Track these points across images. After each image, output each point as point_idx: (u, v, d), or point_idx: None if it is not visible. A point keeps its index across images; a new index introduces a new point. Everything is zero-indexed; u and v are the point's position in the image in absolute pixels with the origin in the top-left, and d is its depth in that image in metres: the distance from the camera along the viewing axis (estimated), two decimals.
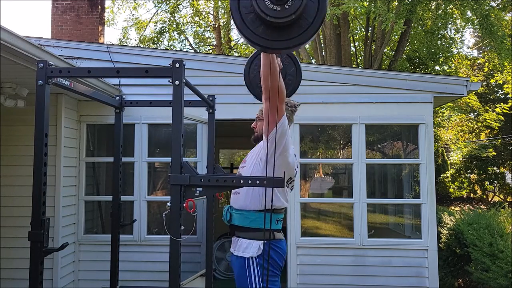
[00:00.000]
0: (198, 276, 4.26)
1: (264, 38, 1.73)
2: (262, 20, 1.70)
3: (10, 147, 4.32)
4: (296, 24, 1.72)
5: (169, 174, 2.10)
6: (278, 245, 2.33)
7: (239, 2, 1.74)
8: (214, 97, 3.57)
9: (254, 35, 1.74)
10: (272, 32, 1.73)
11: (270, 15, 1.67)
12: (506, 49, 9.00)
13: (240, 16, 1.74)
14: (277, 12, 1.67)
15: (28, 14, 57.86)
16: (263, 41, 1.74)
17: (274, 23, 1.69)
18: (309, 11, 1.73)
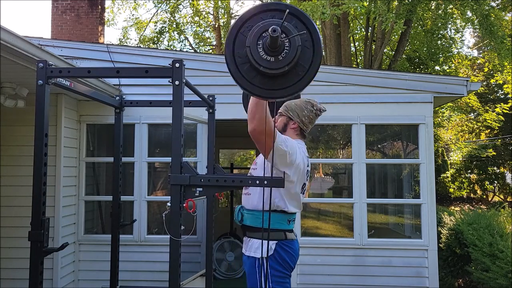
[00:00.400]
0: (198, 276, 4.26)
1: (259, 87, 1.74)
2: (257, 70, 1.70)
3: (10, 147, 4.32)
4: (292, 72, 1.72)
5: (169, 174, 2.10)
6: (289, 245, 2.29)
7: (234, 51, 1.74)
8: (214, 97, 3.57)
9: (250, 84, 1.75)
10: (267, 81, 1.73)
11: (263, 65, 1.67)
12: (506, 49, 9.01)
13: (236, 65, 1.75)
14: (270, 63, 1.67)
15: (28, 14, 57.88)
16: (258, 90, 1.74)
17: (268, 73, 1.69)
18: (304, 59, 1.72)
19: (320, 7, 8.38)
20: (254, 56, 1.67)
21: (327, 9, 8.30)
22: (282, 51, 1.66)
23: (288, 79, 1.73)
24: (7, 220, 4.23)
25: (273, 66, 1.67)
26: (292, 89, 1.73)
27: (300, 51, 1.68)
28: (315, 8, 8.44)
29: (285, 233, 2.29)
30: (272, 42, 1.62)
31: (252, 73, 1.73)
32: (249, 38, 1.69)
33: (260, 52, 1.67)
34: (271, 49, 1.65)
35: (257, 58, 1.67)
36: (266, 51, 1.67)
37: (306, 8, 8.69)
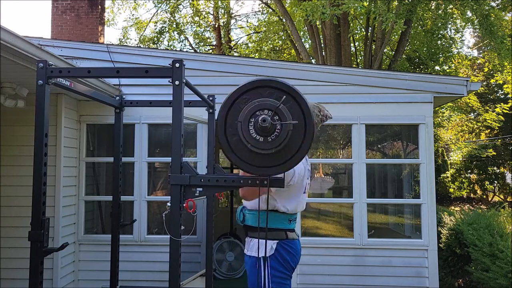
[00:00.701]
0: (198, 276, 4.26)
1: (247, 163, 1.77)
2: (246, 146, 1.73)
3: (10, 147, 4.32)
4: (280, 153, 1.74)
5: (169, 174, 2.10)
6: (291, 244, 2.31)
7: (226, 122, 1.77)
8: (214, 97, 3.57)
9: (239, 159, 1.78)
10: (254, 157, 1.76)
11: (252, 144, 1.70)
12: (506, 49, 9.00)
13: (225, 136, 1.77)
14: (259, 143, 1.70)
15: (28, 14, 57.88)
16: (245, 165, 1.78)
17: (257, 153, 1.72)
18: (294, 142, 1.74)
19: (320, 7, 8.37)
20: (244, 133, 1.70)
21: (327, 9, 8.29)
22: (273, 133, 1.69)
23: (278, 158, 1.75)
24: (7, 220, 4.23)
25: (261, 146, 1.70)
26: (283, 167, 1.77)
27: (290, 135, 1.70)
28: (315, 8, 8.43)
29: (286, 233, 2.30)
30: (262, 129, 1.66)
31: (240, 145, 1.76)
32: (242, 113, 1.71)
33: (250, 129, 1.70)
34: (262, 131, 1.68)
35: (246, 135, 1.70)
36: (256, 130, 1.69)
37: (306, 8, 8.69)
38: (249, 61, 4.92)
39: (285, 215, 2.30)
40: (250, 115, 1.70)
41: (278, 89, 1.75)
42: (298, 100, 1.75)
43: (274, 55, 15.97)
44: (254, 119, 1.69)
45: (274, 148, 1.70)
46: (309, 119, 1.74)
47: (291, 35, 12.23)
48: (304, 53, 11.40)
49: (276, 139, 1.69)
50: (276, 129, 1.69)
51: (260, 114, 1.68)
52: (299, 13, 9.65)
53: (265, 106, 1.68)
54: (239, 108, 1.75)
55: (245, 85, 1.77)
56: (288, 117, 1.70)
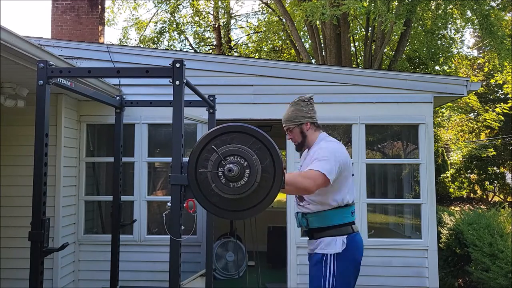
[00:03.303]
0: (198, 276, 4.26)
1: (215, 205, 1.85)
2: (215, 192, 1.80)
3: (10, 147, 4.32)
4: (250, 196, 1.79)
5: (169, 174, 2.10)
6: (357, 238, 2.35)
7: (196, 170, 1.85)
8: (214, 97, 3.57)
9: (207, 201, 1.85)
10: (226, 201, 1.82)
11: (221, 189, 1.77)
12: (506, 49, 9.00)
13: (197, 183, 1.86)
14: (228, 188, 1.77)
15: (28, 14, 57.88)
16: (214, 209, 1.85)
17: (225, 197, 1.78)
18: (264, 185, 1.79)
19: (320, 8, 8.37)
20: (214, 181, 1.77)
21: (327, 10, 8.29)
22: (242, 178, 1.74)
23: (250, 201, 1.81)
24: (7, 220, 4.23)
25: (233, 192, 1.76)
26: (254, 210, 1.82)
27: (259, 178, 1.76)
28: (315, 9, 8.43)
29: (352, 227, 2.35)
30: (229, 178, 1.73)
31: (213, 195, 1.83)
32: (210, 163, 1.78)
33: (220, 177, 1.77)
34: (230, 178, 1.74)
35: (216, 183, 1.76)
36: (226, 177, 1.75)
37: (306, 9, 8.68)
38: (249, 61, 4.91)
39: (347, 209, 2.34)
40: (218, 162, 1.78)
41: (248, 134, 1.82)
42: (266, 144, 1.82)
43: (274, 55, 15.97)
44: (222, 167, 1.77)
45: (243, 193, 1.76)
46: (278, 164, 1.79)
47: (291, 35, 12.23)
48: (304, 53, 11.40)
49: (245, 184, 1.75)
50: (245, 176, 1.75)
51: (228, 161, 1.76)
52: (299, 14, 9.65)
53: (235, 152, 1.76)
54: (208, 155, 1.82)
55: (214, 131, 1.85)
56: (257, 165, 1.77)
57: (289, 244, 4.50)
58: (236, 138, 1.80)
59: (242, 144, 1.78)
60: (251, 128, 1.83)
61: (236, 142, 1.79)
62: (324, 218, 2.33)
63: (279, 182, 1.78)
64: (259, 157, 1.77)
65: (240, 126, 1.82)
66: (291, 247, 4.51)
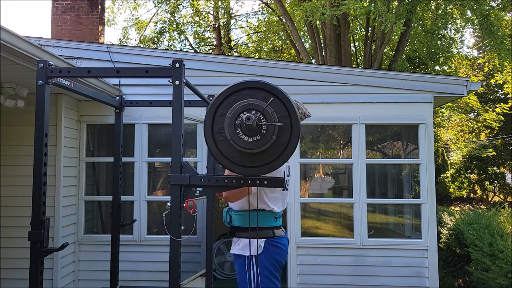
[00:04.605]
0: (198, 276, 4.26)
1: (233, 162, 1.81)
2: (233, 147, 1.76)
3: (10, 147, 4.32)
4: (266, 152, 1.76)
5: (169, 174, 2.10)
6: (279, 241, 2.36)
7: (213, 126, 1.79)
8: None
9: (225, 159, 1.81)
10: (242, 157, 1.79)
11: (238, 143, 1.73)
12: (506, 49, 9.00)
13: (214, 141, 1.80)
14: (245, 142, 1.73)
15: (28, 14, 57.86)
16: (232, 165, 1.82)
17: (243, 152, 1.74)
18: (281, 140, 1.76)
19: (320, 8, 8.37)
20: (231, 135, 1.72)
21: (327, 10, 8.29)
22: (259, 132, 1.71)
23: (265, 157, 1.77)
24: (7, 220, 4.23)
25: (250, 146, 1.72)
26: (269, 167, 1.79)
27: (277, 132, 1.72)
28: (315, 9, 8.43)
29: (273, 231, 2.35)
30: (248, 128, 1.68)
31: (226, 145, 1.78)
32: (227, 117, 1.74)
33: (237, 131, 1.72)
34: (247, 131, 1.70)
35: (233, 136, 1.73)
36: (243, 131, 1.71)
37: (306, 9, 8.68)
38: (249, 61, 4.91)
39: (271, 213, 2.34)
40: (236, 115, 1.72)
41: (264, 90, 1.77)
42: (283, 101, 1.78)
43: (274, 55, 15.96)
44: (240, 119, 1.71)
45: (260, 147, 1.71)
46: (295, 118, 1.75)
47: (291, 35, 12.23)
48: (304, 53, 11.40)
49: (262, 139, 1.70)
50: (262, 129, 1.69)
51: (246, 115, 1.70)
52: (299, 14, 9.65)
53: (251, 106, 1.71)
54: (226, 109, 1.76)
55: (231, 87, 1.80)
56: (274, 118, 1.72)
57: (289, 244, 4.49)
58: (251, 94, 1.76)
59: (258, 99, 1.75)
60: (266, 83, 1.79)
61: (251, 97, 1.76)
62: (246, 219, 2.32)
63: (296, 137, 1.75)
64: (275, 111, 1.73)
65: (254, 82, 1.78)
66: (291, 247, 4.51)
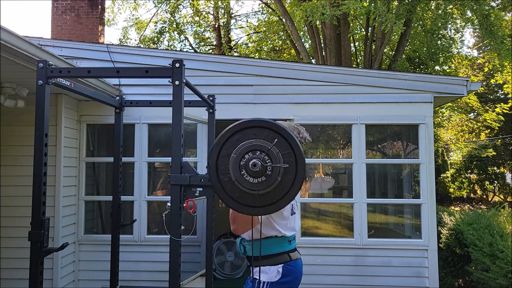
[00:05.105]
0: (198, 276, 4.26)
1: (237, 201, 1.80)
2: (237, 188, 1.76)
3: (10, 147, 4.32)
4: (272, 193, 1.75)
5: (169, 174, 2.10)
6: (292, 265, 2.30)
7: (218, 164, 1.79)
8: (214, 97, 3.57)
9: (231, 199, 1.80)
10: (248, 198, 1.78)
11: (243, 185, 1.73)
12: (506, 49, 9.00)
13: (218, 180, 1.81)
14: (250, 184, 1.73)
15: (28, 14, 57.87)
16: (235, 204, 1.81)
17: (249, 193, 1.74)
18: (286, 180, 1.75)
19: (320, 8, 8.37)
20: (236, 176, 1.73)
21: (327, 10, 8.29)
22: (264, 173, 1.70)
23: (271, 197, 1.76)
24: (7, 220, 4.23)
25: (255, 188, 1.72)
26: (275, 207, 1.78)
27: (282, 173, 1.72)
28: (315, 9, 8.43)
29: (289, 255, 2.29)
30: (253, 172, 1.69)
31: (234, 189, 1.78)
32: (232, 157, 1.74)
33: (242, 172, 1.72)
34: (252, 171, 1.70)
35: (238, 178, 1.72)
36: (248, 172, 1.71)
37: (306, 9, 8.68)
38: (249, 61, 4.91)
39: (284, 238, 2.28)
40: (241, 156, 1.72)
41: (267, 129, 1.77)
42: (287, 138, 1.77)
43: (274, 55, 15.96)
44: (244, 160, 1.72)
45: (265, 189, 1.72)
46: (300, 156, 1.75)
47: (291, 35, 12.23)
48: (304, 53, 11.40)
49: (267, 180, 1.71)
50: (267, 170, 1.70)
51: (250, 156, 1.70)
52: (299, 14, 9.65)
53: (256, 147, 1.71)
54: (230, 149, 1.77)
55: (235, 126, 1.80)
56: (279, 159, 1.72)
57: None
58: (255, 133, 1.76)
59: (261, 138, 1.74)
60: (269, 122, 1.78)
61: (255, 136, 1.75)
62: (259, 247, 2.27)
63: (301, 177, 1.75)
64: (280, 151, 1.73)
65: (258, 121, 1.77)
66: None
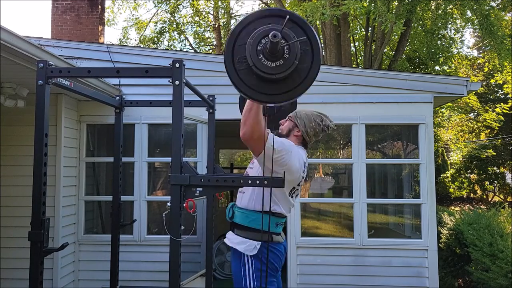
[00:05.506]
0: (198, 276, 4.26)
1: (253, 89, 1.74)
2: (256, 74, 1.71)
3: (10, 147, 4.32)
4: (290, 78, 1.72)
5: (169, 174, 2.10)
6: (275, 246, 2.32)
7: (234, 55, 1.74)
8: (214, 97, 3.57)
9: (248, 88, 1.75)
10: (265, 86, 1.73)
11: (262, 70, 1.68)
12: (506, 49, 9.01)
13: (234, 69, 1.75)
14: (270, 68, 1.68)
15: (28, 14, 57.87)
16: (251, 92, 1.74)
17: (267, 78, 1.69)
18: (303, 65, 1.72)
19: (320, 8, 8.37)
20: (253, 61, 1.68)
21: (327, 10, 8.29)
22: (281, 56, 1.67)
23: (287, 84, 1.73)
24: (7, 220, 4.23)
25: (272, 71, 1.67)
26: (291, 94, 1.74)
27: (299, 56, 1.68)
28: (315, 9, 8.44)
29: (271, 236, 2.30)
30: (272, 47, 1.63)
31: (250, 77, 1.73)
32: (249, 43, 1.70)
33: (259, 56, 1.68)
34: (270, 54, 1.66)
35: (256, 62, 1.68)
36: (265, 56, 1.67)
37: (306, 9, 8.68)
38: None
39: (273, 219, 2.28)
40: (257, 42, 1.68)
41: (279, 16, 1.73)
42: (300, 24, 1.73)
43: None
44: (261, 46, 1.68)
45: (283, 72, 1.67)
46: (315, 40, 1.72)
47: None
48: None
49: (284, 63, 1.67)
50: (284, 53, 1.67)
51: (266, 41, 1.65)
52: (299, 13, 9.62)
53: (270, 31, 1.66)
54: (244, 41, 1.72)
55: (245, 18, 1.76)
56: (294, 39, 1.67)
57: (289, 244, 4.50)
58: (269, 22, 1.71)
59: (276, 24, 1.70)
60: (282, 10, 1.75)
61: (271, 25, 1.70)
62: (247, 217, 2.29)
63: (317, 66, 1.72)
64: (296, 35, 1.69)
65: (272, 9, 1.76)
66: (291, 247, 4.51)
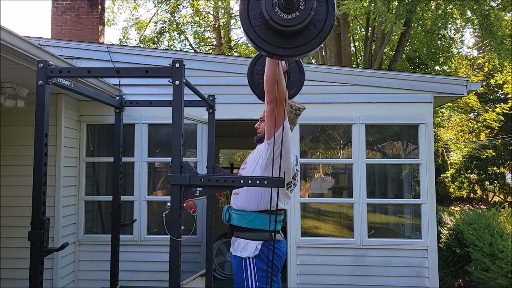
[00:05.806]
0: (198, 276, 4.26)
1: (271, 44, 1.74)
2: (272, 28, 1.71)
3: (10, 147, 4.32)
4: (306, 31, 1.73)
5: (169, 174, 2.10)
6: (277, 246, 2.33)
7: (249, 10, 1.74)
8: (214, 97, 3.57)
9: (261, 39, 1.75)
10: (279, 39, 1.74)
11: (279, 23, 1.68)
12: (506, 49, 9.01)
13: (251, 24, 1.75)
14: (286, 20, 1.68)
15: (28, 14, 57.89)
16: (269, 46, 1.74)
17: (284, 31, 1.70)
18: (318, 17, 1.73)
19: None
20: (270, 14, 1.68)
21: None
22: (297, 8, 1.68)
23: (303, 37, 1.74)
24: (7, 220, 4.23)
25: (289, 23, 1.68)
26: (308, 46, 1.74)
27: (314, 8, 1.69)
28: None
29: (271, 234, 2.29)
30: (286, 7, 1.65)
31: (267, 32, 1.74)
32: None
33: (275, 9, 1.68)
34: (286, 6, 1.67)
35: (272, 15, 1.68)
36: (281, 8, 1.68)
37: None
38: (249, 61, 4.91)
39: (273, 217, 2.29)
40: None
41: None
42: None
43: None
44: None
45: (299, 24, 1.68)
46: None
47: None
48: None
49: (301, 14, 1.68)
50: (300, 5, 1.68)
51: None
52: None
53: None
54: None
55: None
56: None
57: (289, 244, 4.51)
58: None
59: None
60: None
61: None
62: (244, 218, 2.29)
63: (332, 18, 1.74)
64: None
65: None
66: (291, 247, 4.51)
